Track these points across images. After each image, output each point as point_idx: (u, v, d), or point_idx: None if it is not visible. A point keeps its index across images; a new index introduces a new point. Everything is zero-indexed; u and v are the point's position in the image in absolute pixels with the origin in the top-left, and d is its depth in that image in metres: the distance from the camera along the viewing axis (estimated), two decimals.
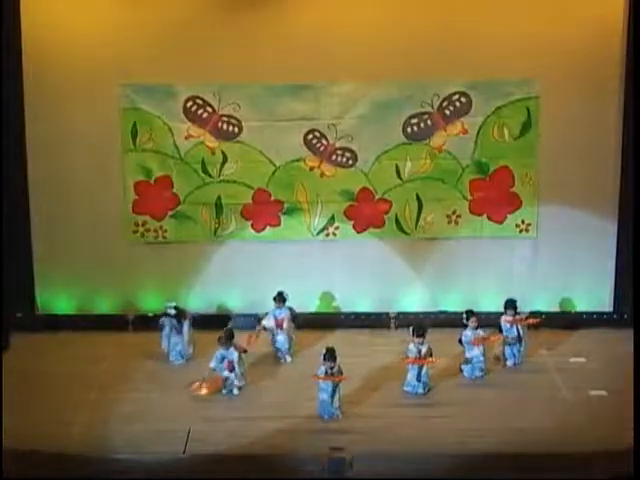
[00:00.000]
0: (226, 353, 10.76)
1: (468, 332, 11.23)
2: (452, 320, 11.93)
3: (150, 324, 12.23)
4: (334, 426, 10.01)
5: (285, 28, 12.17)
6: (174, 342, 11.70)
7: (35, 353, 11.89)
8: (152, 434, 9.77)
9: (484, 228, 12.76)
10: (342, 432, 9.83)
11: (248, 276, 12.70)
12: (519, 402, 10.56)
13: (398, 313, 12.80)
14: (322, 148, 12.56)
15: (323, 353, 10.28)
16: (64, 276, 12.72)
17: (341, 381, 10.21)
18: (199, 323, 11.94)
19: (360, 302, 12.87)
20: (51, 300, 12.80)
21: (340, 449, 9.35)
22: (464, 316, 11.33)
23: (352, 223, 12.77)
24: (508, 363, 11.56)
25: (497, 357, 11.62)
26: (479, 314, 11.42)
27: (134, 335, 12.52)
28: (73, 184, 12.50)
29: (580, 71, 12.19)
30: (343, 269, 12.81)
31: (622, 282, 12.53)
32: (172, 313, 11.69)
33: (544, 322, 12.13)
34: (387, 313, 12.83)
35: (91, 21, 12.05)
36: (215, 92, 12.36)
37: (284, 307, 11.83)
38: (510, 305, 11.58)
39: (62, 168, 12.41)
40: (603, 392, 10.73)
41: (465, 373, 11.22)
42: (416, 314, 12.63)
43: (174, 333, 11.69)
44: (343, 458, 9.24)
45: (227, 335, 10.84)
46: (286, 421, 10.06)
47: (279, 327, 11.74)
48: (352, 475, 9.19)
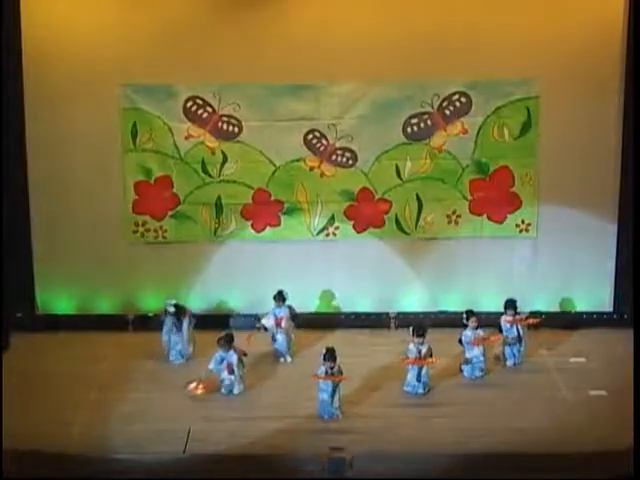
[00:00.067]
0: (225, 355, 10.75)
1: (468, 332, 11.23)
2: (452, 320, 11.93)
3: (150, 324, 12.27)
4: (334, 426, 10.01)
5: (285, 28, 12.17)
6: (174, 341, 11.69)
7: (35, 353, 11.88)
8: (152, 434, 9.77)
9: (484, 228, 12.76)
10: (342, 432, 9.83)
11: (248, 276, 12.70)
12: (519, 402, 10.56)
13: (398, 313, 12.80)
14: (322, 148, 12.56)
15: (323, 353, 10.28)
16: (64, 276, 12.72)
17: (341, 381, 10.21)
18: (199, 323, 11.92)
19: (360, 302, 12.87)
20: (51, 300, 12.79)
21: (340, 449, 9.35)
22: (464, 316, 11.34)
23: (352, 223, 12.77)
24: (508, 363, 11.56)
25: (497, 357, 11.62)
26: (479, 314, 11.42)
27: (134, 335, 12.51)
28: (73, 184, 12.50)
29: (580, 71, 12.19)
30: (343, 269, 12.80)
31: (622, 282, 12.53)
32: (171, 311, 11.70)
33: (544, 322, 12.13)
34: (387, 313, 12.83)
35: (91, 21, 12.05)
36: (215, 92, 12.36)
37: (284, 306, 11.84)
38: (510, 305, 11.58)
39: (62, 168, 12.41)
40: (603, 392, 10.72)
41: (465, 373, 11.22)
42: (416, 314, 12.63)
43: (174, 331, 11.69)
44: (343, 458, 9.24)
45: (227, 338, 10.82)
46: (286, 421, 10.06)
47: (278, 326, 11.76)
48: (352, 475, 9.19)
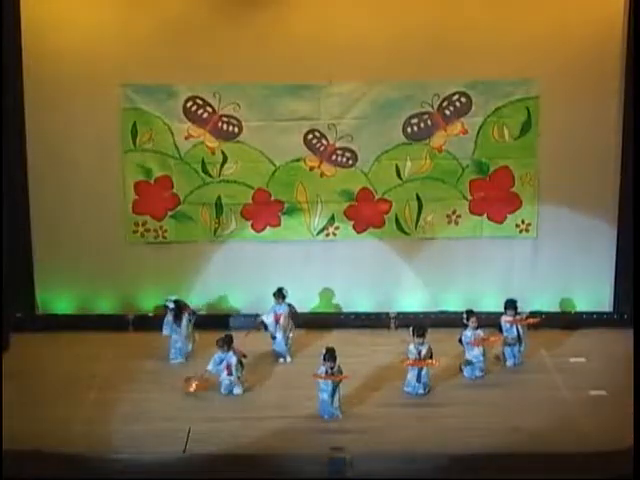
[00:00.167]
0: (225, 356, 10.74)
1: (468, 332, 11.22)
2: (452, 320, 11.93)
3: (150, 324, 12.25)
4: (334, 426, 10.00)
5: (285, 28, 12.17)
6: (174, 339, 11.69)
7: (35, 353, 11.88)
8: (152, 434, 9.76)
9: (484, 228, 12.76)
10: (342, 432, 9.83)
11: (248, 276, 12.70)
12: (519, 402, 10.55)
13: (398, 313, 12.80)
14: (322, 148, 12.56)
15: (323, 353, 10.27)
16: (64, 276, 12.72)
17: (341, 380, 10.20)
18: (199, 323, 11.92)
19: (360, 302, 12.87)
20: (51, 300, 12.79)
21: (340, 449, 9.34)
22: (464, 316, 11.33)
23: (352, 223, 12.77)
24: (508, 363, 11.56)
25: (497, 357, 11.62)
26: (479, 314, 11.42)
27: (134, 335, 12.51)
28: (73, 184, 12.51)
29: (580, 71, 12.19)
30: (343, 269, 12.80)
31: (622, 282, 12.53)
32: (171, 306, 11.70)
33: (544, 322, 12.12)
34: (387, 313, 12.82)
35: (91, 21, 12.05)
36: (215, 92, 12.36)
37: (284, 304, 11.84)
38: (510, 305, 11.58)
39: (62, 168, 12.42)
40: (603, 392, 10.72)
41: (465, 373, 11.21)
42: (416, 314, 12.63)
43: (174, 329, 11.69)
44: (343, 458, 9.23)
45: (225, 340, 10.80)
46: (286, 421, 10.05)
47: (277, 322, 11.75)
48: (352, 475, 9.18)
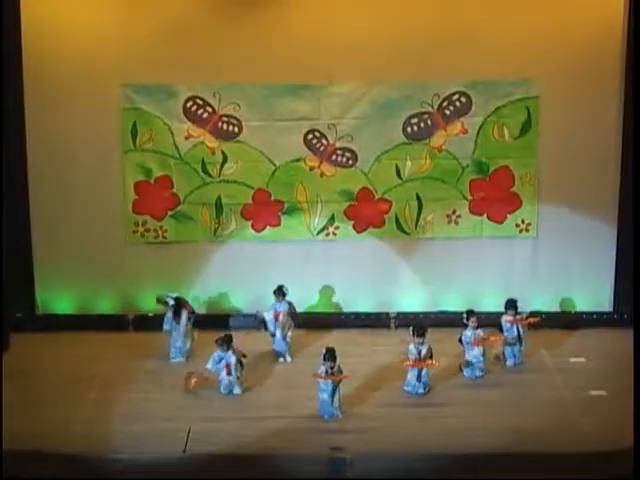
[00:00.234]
0: (224, 355, 10.74)
1: (468, 332, 11.22)
2: (452, 320, 11.93)
3: (150, 324, 12.25)
4: (334, 426, 10.00)
5: (285, 28, 12.17)
6: (174, 338, 11.69)
7: (35, 353, 11.88)
8: (152, 434, 9.77)
9: (484, 228, 12.76)
10: (342, 432, 9.83)
11: (248, 276, 12.70)
12: (519, 402, 10.56)
13: (398, 313, 12.80)
14: (322, 148, 12.56)
15: (323, 353, 10.27)
16: (64, 276, 12.72)
17: (341, 380, 10.20)
18: (199, 323, 11.93)
19: (360, 302, 12.87)
20: (51, 300, 12.79)
21: (340, 449, 9.34)
22: (464, 316, 11.33)
23: (352, 223, 12.77)
24: (508, 363, 11.56)
25: (497, 357, 11.62)
26: (479, 314, 11.42)
27: (134, 335, 12.51)
28: (73, 184, 12.51)
29: (580, 71, 12.19)
30: (343, 269, 12.80)
31: (622, 282, 12.53)
32: (170, 303, 11.69)
33: (544, 322, 12.11)
34: (387, 313, 12.82)
35: (91, 21, 12.05)
36: (215, 92, 12.36)
37: (284, 301, 11.84)
38: (510, 305, 11.58)
39: (62, 168, 12.42)
40: (603, 392, 10.72)
41: (465, 373, 11.21)
42: (416, 314, 12.63)
43: (173, 325, 11.68)
44: (343, 458, 9.22)
45: (225, 339, 10.80)
46: (286, 421, 10.06)
47: (277, 320, 11.75)
48: (352, 475, 9.18)
